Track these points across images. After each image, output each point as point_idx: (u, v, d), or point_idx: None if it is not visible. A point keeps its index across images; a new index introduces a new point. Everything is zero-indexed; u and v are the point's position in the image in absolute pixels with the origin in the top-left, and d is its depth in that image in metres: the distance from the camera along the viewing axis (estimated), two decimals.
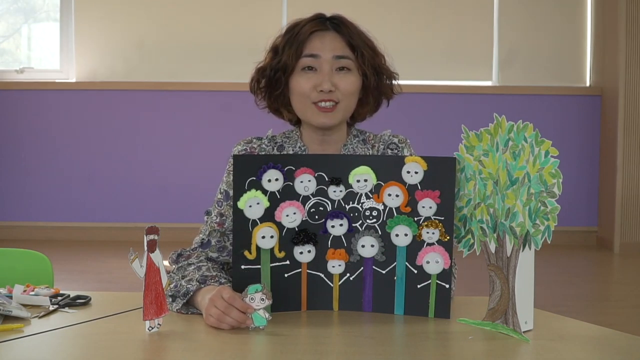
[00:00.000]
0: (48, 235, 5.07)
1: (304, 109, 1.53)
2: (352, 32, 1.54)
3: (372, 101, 1.58)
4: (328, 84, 1.49)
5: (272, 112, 1.62)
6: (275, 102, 1.58)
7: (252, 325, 1.22)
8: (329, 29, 1.54)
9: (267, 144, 1.58)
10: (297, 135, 1.59)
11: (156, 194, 5.13)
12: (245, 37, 4.95)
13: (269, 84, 1.56)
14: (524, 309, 1.22)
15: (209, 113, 5.13)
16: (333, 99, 1.50)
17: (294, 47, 1.51)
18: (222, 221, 1.51)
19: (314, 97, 1.50)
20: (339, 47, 1.52)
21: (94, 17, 5.19)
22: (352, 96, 1.53)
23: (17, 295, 1.36)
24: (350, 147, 1.58)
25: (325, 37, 1.53)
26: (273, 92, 1.56)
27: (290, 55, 1.51)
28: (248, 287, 1.24)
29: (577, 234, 5.14)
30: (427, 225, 1.31)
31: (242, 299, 1.23)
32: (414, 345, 1.18)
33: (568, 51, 5.26)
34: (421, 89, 5.10)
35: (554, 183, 1.18)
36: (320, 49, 1.51)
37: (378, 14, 5.14)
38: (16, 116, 5.13)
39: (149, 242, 1.18)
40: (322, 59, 1.51)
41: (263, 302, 1.22)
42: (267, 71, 1.56)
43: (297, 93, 1.52)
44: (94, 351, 1.13)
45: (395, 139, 1.60)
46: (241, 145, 1.57)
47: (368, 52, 1.54)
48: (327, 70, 1.50)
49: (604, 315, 3.36)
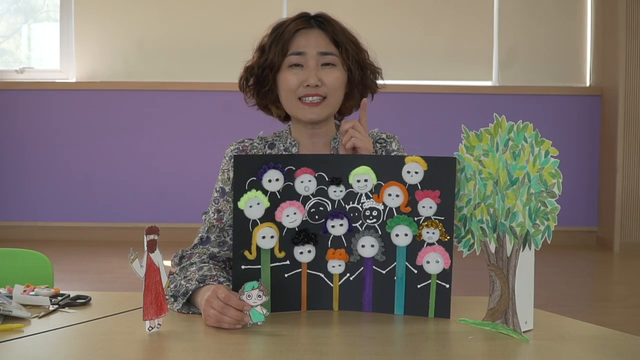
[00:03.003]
0: (48, 235, 5.07)
1: (292, 105, 1.58)
2: (336, 29, 1.59)
3: (357, 95, 1.63)
4: (314, 79, 1.53)
5: (261, 109, 1.67)
6: (263, 99, 1.63)
7: (250, 322, 1.22)
8: (314, 27, 1.59)
9: (258, 142, 1.63)
10: (287, 133, 1.64)
11: (156, 194, 5.13)
12: (245, 37, 4.90)
13: (257, 81, 1.61)
14: (524, 309, 1.22)
15: (208, 113, 5.13)
16: (319, 94, 1.55)
17: (280, 45, 1.56)
18: (220, 217, 1.53)
19: (301, 92, 1.55)
20: (323, 44, 1.57)
21: (94, 17, 5.19)
22: (338, 90, 1.58)
23: (17, 295, 1.36)
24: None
25: (310, 35, 1.58)
26: (261, 90, 1.61)
27: (277, 53, 1.56)
28: (245, 284, 1.24)
29: (577, 234, 5.14)
30: (427, 225, 1.31)
31: (239, 297, 1.23)
32: (414, 345, 1.18)
33: (568, 51, 5.26)
34: (421, 89, 5.10)
35: (554, 183, 1.18)
36: (305, 46, 1.56)
37: (378, 14, 5.14)
38: (16, 116, 5.13)
39: (149, 242, 1.18)
40: (308, 55, 1.56)
41: (260, 299, 1.23)
42: (255, 69, 1.61)
43: (284, 89, 1.57)
44: (94, 351, 1.13)
45: (384, 135, 1.65)
46: (233, 145, 1.63)
47: (352, 47, 1.59)
48: (312, 66, 1.55)
49: (604, 315, 3.36)
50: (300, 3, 1.90)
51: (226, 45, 5.13)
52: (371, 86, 1.64)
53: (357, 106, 1.66)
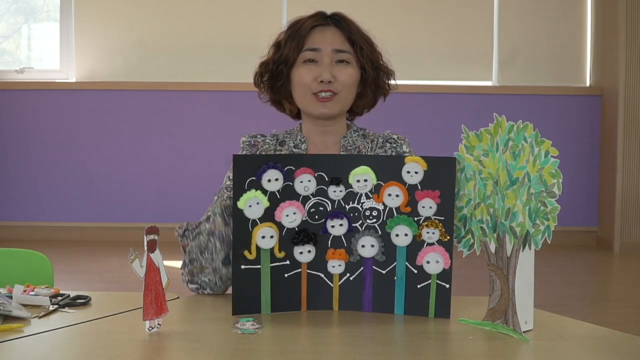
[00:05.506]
0: (48, 235, 5.07)
1: (304, 100, 1.60)
2: (352, 28, 1.61)
3: (369, 94, 1.65)
4: (328, 74, 1.55)
5: (273, 105, 1.70)
6: (277, 94, 1.65)
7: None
8: (330, 25, 1.61)
9: (270, 139, 1.66)
10: (297, 130, 1.66)
11: (156, 194, 5.13)
12: (246, 37, 4.95)
13: (272, 76, 1.63)
14: (524, 309, 1.22)
15: (209, 113, 5.13)
16: (332, 90, 1.57)
17: (296, 41, 1.59)
18: (229, 196, 1.54)
19: (314, 87, 1.57)
20: (338, 42, 1.59)
21: (94, 17, 5.19)
22: (351, 88, 1.60)
23: (17, 295, 1.36)
24: (350, 139, 1.65)
25: (325, 32, 1.60)
26: (275, 84, 1.64)
27: (292, 49, 1.59)
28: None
29: (577, 234, 5.14)
30: (427, 225, 1.31)
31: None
32: (414, 345, 1.18)
33: (568, 51, 5.27)
34: (421, 89, 5.11)
35: (554, 183, 1.18)
36: (320, 42, 1.58)
37: (378, 13, 5.14)
38: (16, 116, 5.13)
39: (149, 242, 1.18)
40: (323, 52, 1.58)
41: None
42: (269, 65, 1.63)
43: (298, 84, 1.59)
44: (94, 351, 1.13)
45: (395, 136, 1.66)
46: (246, 137, 1.66)
47: (367, 47, 1.61)
48: (327, 62, 1.57)
49: (604, 315, 3.36)
50: (300, 3, 1.90)
51: (226, 45, 5.13)
52: (384, 87, 1.66)
53: (369, 106, 1.69)
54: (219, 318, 1.30)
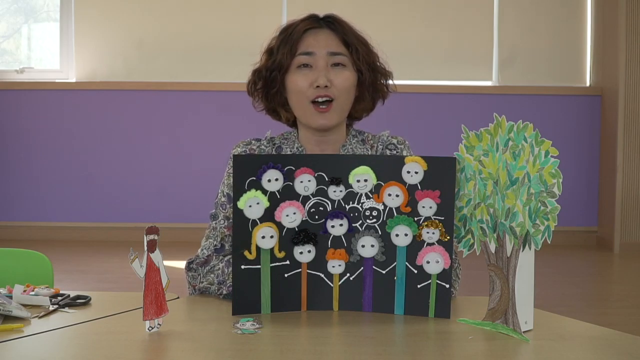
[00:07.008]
0: (48, 235, 5.07)
1: (301, 109, 1.54)
2: (346, 29, 1.55)
3: (368, 98, 1.58)
4: (324, 79, 1.49)
5: (269, 114, 1.62)
6: (272, 101, 1.58)
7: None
8: (323, 27, 1.55)
9: (265, 145, 1.58)
10: (294, 136, 1.60)
11: (156, 194, 5.13)
12: (245, 38, 4.94)
13: (265, 84, 1.57)
14: (524, 309, 1.22)
15: (208, 113, 5.14)
16: (329, 95, 1.50)
17: (289, 46, 1.52)
18: (230, 224, 1.50)
19: (311, 93, 1.50)
20: (333, 44, 1.53)
21: (94, 17, 5.19)
22: (348, 92, 1.54)
23: (17, 295, 1.36)
24: (350, 147, 1.59)
25: (319, 35, 1.54)
26: (269, 92, 1.57)
27: (285, 54, 1.52)
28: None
29: (577, 234, 5.14)
30: (427, 225, 1.31)
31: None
32: (414, 345, 1.18)
33: (568, 51, 5.27)
34: (421, 89, 5.11)
35: (554, 183, 1.18)
36: (314, 46, 1.52)
37: (378, 13, 5.14)
38: (16, 116, 5.13)
39: (149, 242, 1.18)
40: (317, 55, 1.51)
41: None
42: (263, 72, 1.56)
43: (293, 91, 1.53)
44: (93, 351, 1.13)
45: (394, 140, 1.61)
46: (240, 147, 1.58)
47: (362, 48, 1.55)
48: (322, 66, 1.51)
49: (604, 315, 3.36)
50: (300, 4, 1.89)
51: (226, 45, 5.13)
52: (381, 89, 1.60)
53: (367, 110, 1.62)
54: (219, 318, 1.30)
